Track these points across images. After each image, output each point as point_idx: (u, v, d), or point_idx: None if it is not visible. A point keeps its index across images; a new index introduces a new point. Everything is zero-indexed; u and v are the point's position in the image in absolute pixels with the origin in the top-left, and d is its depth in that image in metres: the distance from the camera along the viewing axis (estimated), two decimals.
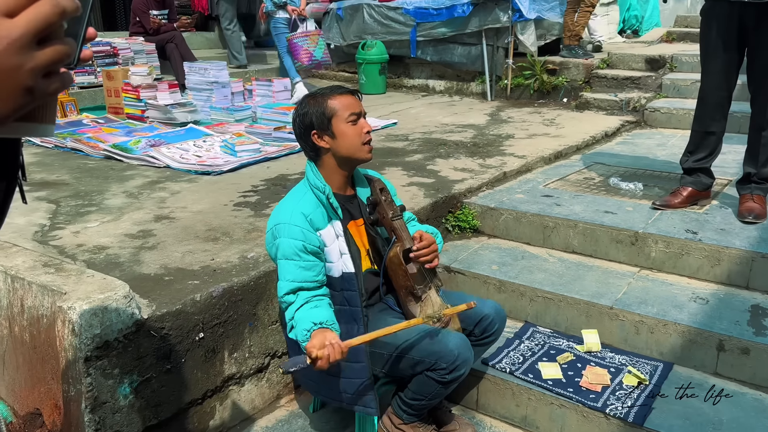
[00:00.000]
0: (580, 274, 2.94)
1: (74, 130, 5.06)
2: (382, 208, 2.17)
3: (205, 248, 2.68)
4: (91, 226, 2.98)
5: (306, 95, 2.15)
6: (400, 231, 2.16)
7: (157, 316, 2.11)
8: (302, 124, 2.08)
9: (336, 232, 2.08)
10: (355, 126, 2.05)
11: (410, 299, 2.18)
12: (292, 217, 2.01)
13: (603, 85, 6.27)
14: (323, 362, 1.81)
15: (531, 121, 5.54)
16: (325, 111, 2.03)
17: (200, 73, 5.77)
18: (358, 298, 2.08)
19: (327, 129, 2.04)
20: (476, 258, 3.13)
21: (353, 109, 2.04)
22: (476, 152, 4.41)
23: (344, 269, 2.08)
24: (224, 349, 2.34)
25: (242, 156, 4.19)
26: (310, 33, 6.57)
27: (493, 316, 2.23)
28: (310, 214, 2.02)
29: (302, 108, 2.09)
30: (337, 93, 2.06)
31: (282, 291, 2.00)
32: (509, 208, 3.34)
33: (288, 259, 2.00)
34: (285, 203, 2.10)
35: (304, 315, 1.95)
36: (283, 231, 2.00)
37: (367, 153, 2.10)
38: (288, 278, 1.99)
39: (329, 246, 2.06)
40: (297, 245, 1.98)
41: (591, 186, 3.76)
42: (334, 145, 2.05)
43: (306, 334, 1.88)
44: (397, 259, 2.14)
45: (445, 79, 7.28)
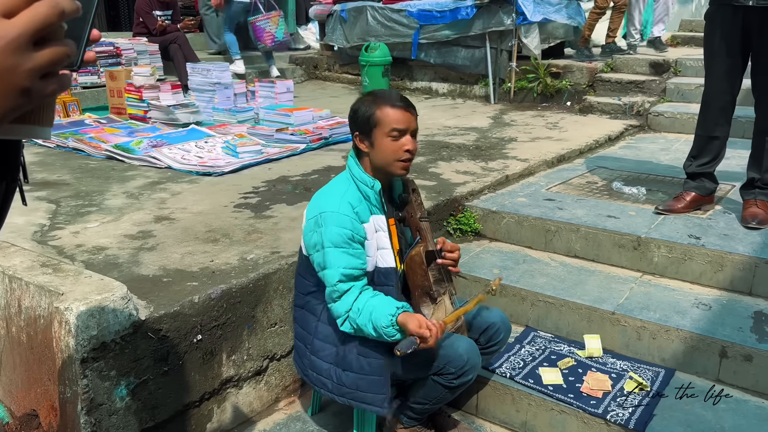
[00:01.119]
0: (582, 278, 2.92)
1: (76, 130, 5.06)
2: (412, 208, 2.19)
3: (204, 249, 2.67)
4: (91, 227, 2.97)
5: (367, 93, 2.15)
6: (425, 232, 2.17)
7: (154, 317, 2.09)
8: (351, 121, 2.09)
9: (376, 226, 2.07)
10: (395, 142, 2.02)
11: (425, 300, 2.16)
12: (341, 207, 2.00)
13: (607, 89, 6.25)
14: (432, 340, 1.82)
15: (534, 124, 5.53)
16: (371, 118, 2.02)
17: (203, 74, 5.77)
18: (396, 294, 2.07)
19: (368, 136, 2.04)
20: (477, 261, 3.11)
21: (398, 125, 2.01)
22: (479, 155, 4.40)
23: (381, 264, 2.07)
24: (222, 351, 2.32)
25: (244, 157, 4.18)
26: (270, 15, 6.79)
27: (500, 324, 2.22)
28: (357, 206, 2.03)
29: (356, 104, 2.08)
30: (389, 104, 2.02)
31: (334, 278, 1.97)
32: (511, 212, 3.32)
33: (338, 246, 1.97)
34: (329, 193, 2.08)
35: (374, 302, 1.93)
36: (330, 219, 1.99)
37: (400, 170, 2.07)
38: (339, 265, 1.97)
39: (368, 240, 2.05)
40: (347, 234, 1.97)
41: (594, 190, 3.74)
42: (371, 153, 2.05)
43: (390, 318, 1.87)
44: (419, 258, 2.13)
45: (448, 81, 7.27)
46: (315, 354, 2.17)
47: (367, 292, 2.00)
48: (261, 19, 6.89)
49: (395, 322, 1.88)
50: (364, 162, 2.10)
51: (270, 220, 3.04)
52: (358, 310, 1.96)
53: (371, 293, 2.00)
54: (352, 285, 1.99)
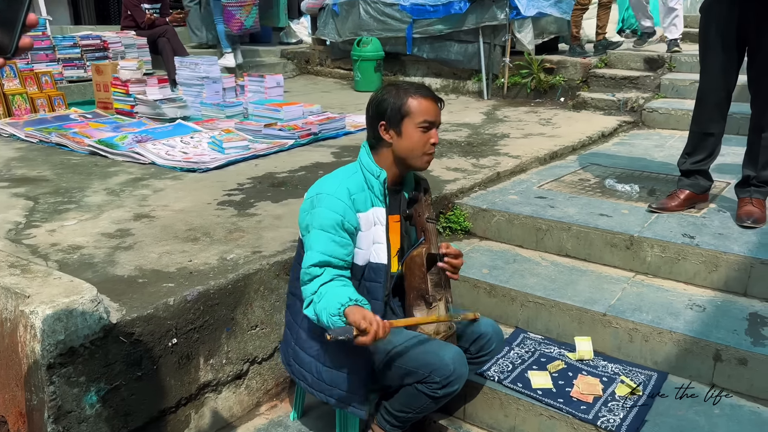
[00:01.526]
0: (573, 278, 2.84)
1: (60, 125, 4.96)
2: (420, 207, 2.11)
3: (183, 249, 2.58)
4: (68, 225, 2.88)
5: (390, 83, 2.06)
6: (430, 233, 2.09)
7: (127, 320, 2.01)
8: (376, 110, 1.98)
9: (375, 219, 1.98)
10: (424, 134, 1.95)
11: (420, 304, 2.08)
12: (337, 191, 1.92)
13: (601, 85, 6.17)
14: (369, 337, 1.69)
15: (527, 120, 5.45)
16: (402, 107, 1.93)
17: (191, 68, 5.66)
18: (382, 291, 1.99)
19: (396, 125, 1.95)
20: (467, 261, 3.01)
21: (429, 116, 1.94)
22: (470, 152, 4.32)
23: (373, 258, 1.98)
24: (199, 355, 2.24)
25: (230, 153, 4.09)
26: (244, 2, 6.84)
27: (491, 334, 2.14)
28: (355, 194, 1.94)
29: (382, 94, 1.98)
30: (420, 94, 1.95)
31: (309, 261, 1.88)
32: (502, 210, 3.24)
33: (323, 230, 1.89)
34: (331, 177, 2.00)
35: (335, 290, 1.83)
36: (324, 201, 1.91)
37: (425, 163, 2.01)
38: (319, 249, 1.87)
39: (363, 231, 1.96)
40: (336, 219, 1.88)
41: (586, 187, 3.66)
42: (396, 143, 1.96)
43: (340, 308, 1.76)
44: (420, 259, 2.05)
45: (441, 77, 7.18)
46: (299, 345, 2.10)
47: (339, 281, 1.89)
48: (234, 4, 6.92)
49: (343, 312, 1.77)
50: (380, 153, 2.00)
51: (253, 218, 2.96)
52: (321, 295, 1.85)
53: (342, 282, 1.89)
54: (324, 271, 1.89)
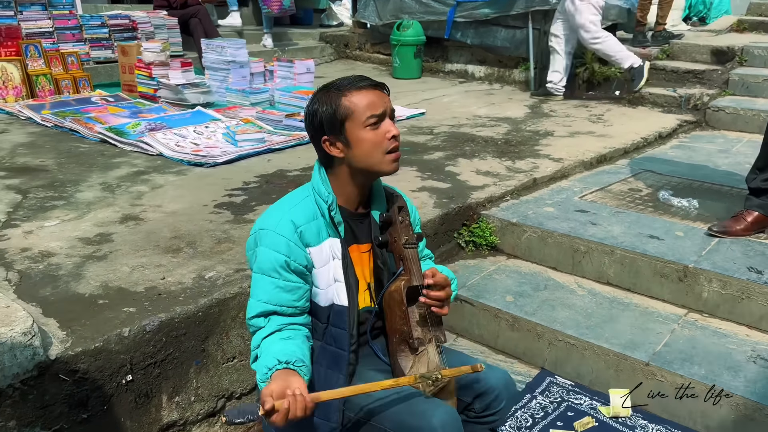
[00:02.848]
0: (614, 314, 2.42)
1: (79, 108, 4.76)
2: (396, 231, 1.70)
3: (160, 262, 2.28)
4: (48, 225, 2.62)
5: (319, 88, 1.68)
6: (409, 262, 1.69)
7: (69, 356, 1.71)
8: (312, 126, 1.62)
9: (332, 252, 1.63)
10: (375, 130, 1.57)
11: (403, 349, 1.71)
12: (278, 225, 1.57)
13: (661, 78, 5.60)
14: (279, 417, 1.36)
15: (575, 116, 4.96)
16: (337, 112, 1.56)
17: (217, 51, 5.38)
18: (347, 340, 1.63)
19: (339, 134, 1.57)
20: (489, 284, 2.64)
21: (374, 109, 1.56)
22: (506, 152, 3.89)
23: (335, 300, 1.64)
24: (161, 392, 1.93)
25: (243, 146, 3.78)
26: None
27: (500, 390, 1.73)
28: (303, 225, 1.59)
29: (312, 104, 1.62)
30: (354, 88, 1.57)
31: (251, 312, 1.57)
32: (534, 225, 2.83)
33: (264, 274, 1.56)
34: (277, 206, 1.66)
35: (272, 347, 1.51)
36: (265, 239, 1.57)
37: (391, 164, 1.61)
38: (261, 297, 1.56)
39: (318, 268, 1.62)
40: (278, 259, 1.55)
41: (636, 200, 3.20)
42: (348, 155, 1.58)
43: (266, 373, 1.44)
44: (399, 295, 1.67)
45: (485, 64, 6.70)
46: None
47: (284, 333, 1.56)
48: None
49: (269, 378, 1.44)
50: (337, 172, 1.64)
51: (248, 225, 2.63)
52: (260, 350, 1.54)
53: (286, 334, 1.56)
54: (269, 322, 1.57)
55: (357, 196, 1.66)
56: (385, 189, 1.77)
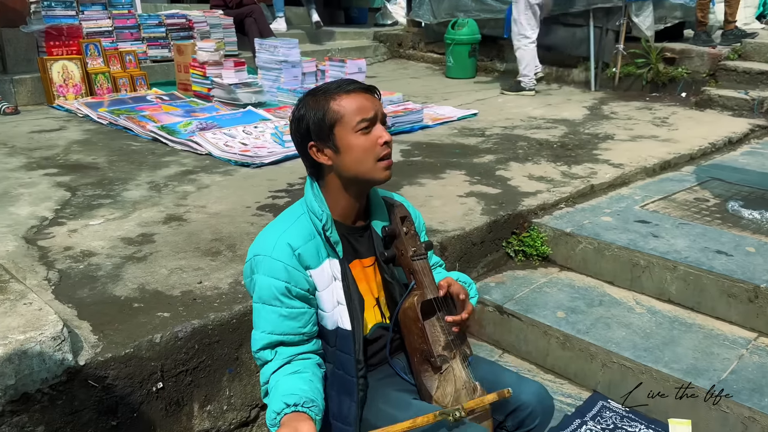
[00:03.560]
0: (675, 336, 2.23)
1: (134, 106, 4.83)
2: (402, 243, 1.60)
3: (198, 265, 2.24)
4: (93, 224, 2.63)
5: (306, 93, 1.60)
6: (420, 275, 1.59)
7: (98, 362, 1.68)
8: (297, 132, 1.54)
9: (333, 273, 1.54)
10: (366, 136, 1.48)
11: (426, 368, 1.60)
12: (274, 250, 1.48)
13: (732, 80, 5.28)
14: None
15: (638, 118, 4.71)
16: (326, 116, 1.48)
17: (269, 51, 5.38)
18: (353, 366, 1.53)
19: (327, 140, 1.49)
20: (539, 298, 2.49)
21: (365, 113, 1.47)
22: (562, 156, 3.71)
23: (339, 324, 1.54)
24: (193, 400, 1.88)
25: (290, 146, 3.73)
26: None
27: (534, 405, 1.60)
28: (300, 247, 1.49)
29: (299, 109, 1.54)
30: (343, 91, 1.49)
31: (256, 345, 1.49)
32: (590, 236, 2.66)
33: (266, 303, 1.48)
34: (271, 228, 1.57)
35: (278, 386, 1.43)
36: (261, 266, 1.49)
37: (383, 171, 1.51)
38: (265, 328, 1.48)
39: (322, 291, 1.52)
40: (278, 287, 1.46)
41: (702, 211, 2.98)
42: (337, 162, 1.50)
43: (275, 418, 1.36)
44: (413, 312, 1.57)
45: (543, 63, 6.41)
46: None
47: (293, 366, 1.46)
48: None
49: (278, 423, 1.34)
50: (329, 183, 1.54)
51: None
52: (270, 389, 1.45)
53: (295, 367, 1.46)
54: (276, 354, 1.47)
55: (353, 209, 1.56)
56: (384, 198, 1.67)
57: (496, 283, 2.61)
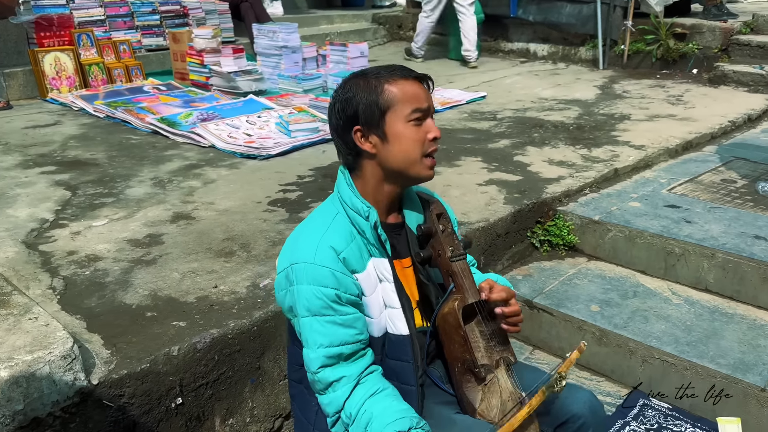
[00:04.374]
0: (717, 327, 2.12)
1: (131, 98, 4.66)
2: (439, 243, 1.46)
3: (212, 268, 2.11)
4: (97, 225, 2.49)
5: (353, 74, 1.46)
6: (460, 277, 1.45)
7: (113, 380, 1.55)
8: (342, 114, 1.39)
9: (379, 274, 1.40)
10: (417, 128, 1.36)
11: (468, 379, 1.47)
12: (317, 255, 1.33)
13: (745, 55, 5.13)
14: None
15: (652, 97, 4.57)
16: (379, 100, 1.34)
17: (268, 37, 5.20)
18: (413, 373, 1.40)
19: (377, 127, 1.35)
20: (570, 290, 2.37)
21: (419, 104, 1.35)
22: (580, 138, 3.57)
23: (391, 329, 1.41)
24: (214, 415, 1.77)
25: (296, 136, 3.60)
26: None
27: (587, 416, 1.48)
28: (344, 250, 1.35)
29: (346, 91, 1.39)
30: (400, 76, 1.36)
31: (314, 364, 1.34)
32: (620, 224, 2.54)
33: (316, 315, 1.33)
34: (305, 232, 1.42)
35: (376, 408, 1.30)
36: (304, 275, 1.33)
37: (427, 169, 1.40)
38: (322, 342, 1.33)
39: (369, 296, 1.39)
40: (328, 294, 1.32)
41: (732, 193, 2.85)
42: (382, 152, 1.37)
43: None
44: (454, 318, 1.43)
45: (549, 42, 6.33)
46: None
47: (367, 385, 1.34)
48: None
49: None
50: (363, 175, 1.41)
51: None
52: (350, 416, 1.32)
53: (372, 387, 1.34)
54: (342, 374, 1.34)
55: (390, 204, 1.43)
56: (417, 194, 1.54)
57: (522, 276, 2.49)
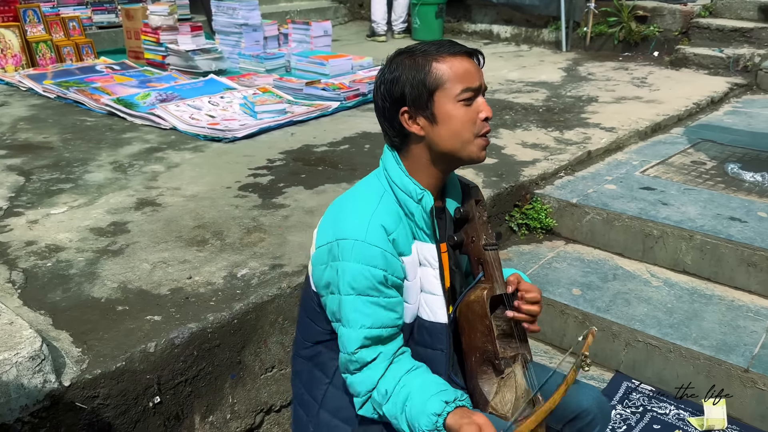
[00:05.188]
0: (697, 309, 2.13)
1: (83, 77, 4.43)
2: (474, 229, 1.41)
3: (184, 257, 2.00)
4: (55, 213, 2.34)
5: (398, 52, 1.35)
6: (491, 267, 1.39)
7: (86, 380, 1.45)
8: (389, 95, 1.31)
9: (422, 259, 1.35)
10: (468, 108, 1.27)
11: (485, 370, 1.42)
12: (368, 233, 1.27)
13: (705, 38, 5.22)
14: None
15: (617, 79, 4.60)
16: (427, 79, 1.27)
17: (228, 14, 5.01)
18: (446, 362, 1.37)
19: (425, 108, 1.28)
20: (550, 274, 2.36)
21: (470, 82, 1.26)
22: (551, 121, 3.56)
23: (427, 316, 1.36)
24: (194, 413, 1.68)
25: (263, 118, 3.47)
26: None
27: (595, 413, 1.45)
28: (394, 230, 1.30)
29: (392, 70, 1.31)
30: (448, 52, 1.28)
31: (354, 344, 1.28)
32: (597, 206, 2.53)
33: (361, 294, 1.27)
34: (353, 207, 1.34)
35: (414, 384, 1.26)
36: (353, 252, 1.27)
37: (480, 151, 1.32)
38: (363, 323, 1.27)
39: (411, 281, 1.34)
40: (376, 275, 1.26)
41: (703, 174, 2.88)
42: (432, 134, 1.29)
43: (435, 420, 1.19)
44: (481, 307, 1.38)
45: (512, 24, 6.31)
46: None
47: (401, 363, 1.30)
48: None
49: (441, 426, 1.18)
50: (413, 155, 1.33)
51: (279, 211, 2.34)
52: (386, 393, 1.27)
53: (406, 365, 1.30)
54: (379, 352, 1.29)
55: (436, 187, 1.36)
56: (459, 178, 1.48)
57: (502, 260, 2.45)
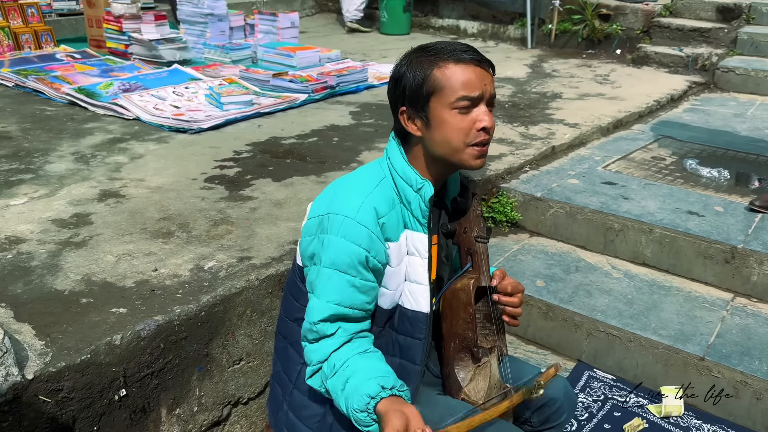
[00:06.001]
0: (656, 300, 2.20)
1: (42, 66, 4.32)
2: (468, 221, 1.44)
3: (150, 249, 1.97)
4: (15, 204, 2.28)
5: (415, 48, 1.35)
6: (480, 259, 1.43)
7: (50, 373, 1.42)
8: (393, 91, 1.35)
9: (410, 247, 1.37)
10: (464, 116, 1.27)
11: (462, 357, 1.46)
12: (359, 212, 1.29)
13: (665, 37, 5.34)
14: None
15: (580, 76, 4.68)
16: (425, 83, 1.27)
17: (193, 3, 4.94)
18: (422, 352, 1.38)
19: (421, 110, 1.30)
20: (515, 266, 2.40)
21: (469, 90, 1.26)
22: (516, 116, 3.61)
23: (409, 304, 1.38)
24: (160, 405, 1.66)
25: (229, 109, 3.43)
26: None
27: (562, 401, 1.50)
28: (385, 215, 1.31)
29: (401, 66, 1.33)
30: (453, 59, 1.27)
31: (318, 315, 1.30)
32: (561, 200, 2.58)
33: (338, 270, 1.29)
34: (350, 187, 1.36)
35: (357, 366, 1.26)
36: (340, 227, 1.29)
37: (474, 159, 1.32)
38: (332, 298, 1.29)
39: (395, 267, 1.36)
40: (358, 254, 1.28)
41: (663, 170, 2.97)
42: (426, 136, 1.31)
43: (369, 402, 1.19)
44: (466, 295, 1.41)
45: (479, 20, 6.36)
46: (294, 410, 1.49)
47: (357, 343, 1.32)
48: None
49: (372, 409, 1.19)
50: (413, 154, 1.36)
51: (247, 204, 2.33)
52: (334, 367, 1.28)
53: (362, 346, 1.32)
54: (339, 327, 1.31)
55: (435, 182, 1.37)
56: (461, 172, 1.50)
57: None
